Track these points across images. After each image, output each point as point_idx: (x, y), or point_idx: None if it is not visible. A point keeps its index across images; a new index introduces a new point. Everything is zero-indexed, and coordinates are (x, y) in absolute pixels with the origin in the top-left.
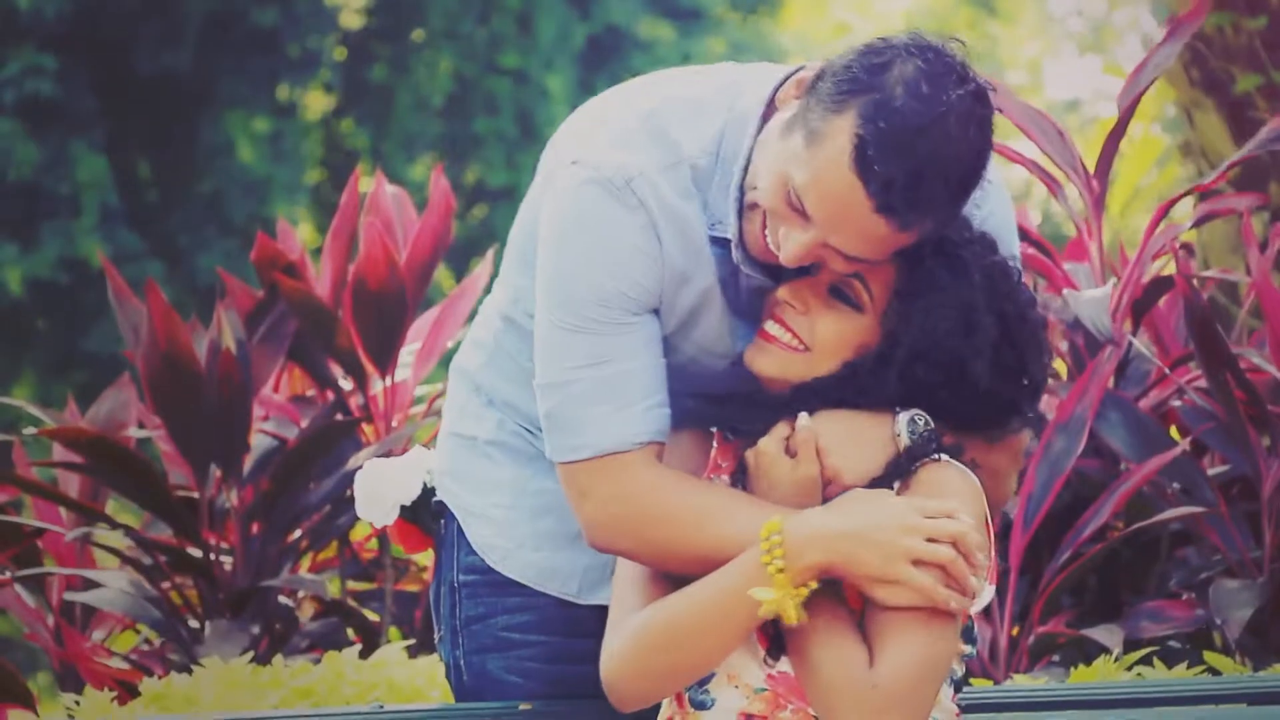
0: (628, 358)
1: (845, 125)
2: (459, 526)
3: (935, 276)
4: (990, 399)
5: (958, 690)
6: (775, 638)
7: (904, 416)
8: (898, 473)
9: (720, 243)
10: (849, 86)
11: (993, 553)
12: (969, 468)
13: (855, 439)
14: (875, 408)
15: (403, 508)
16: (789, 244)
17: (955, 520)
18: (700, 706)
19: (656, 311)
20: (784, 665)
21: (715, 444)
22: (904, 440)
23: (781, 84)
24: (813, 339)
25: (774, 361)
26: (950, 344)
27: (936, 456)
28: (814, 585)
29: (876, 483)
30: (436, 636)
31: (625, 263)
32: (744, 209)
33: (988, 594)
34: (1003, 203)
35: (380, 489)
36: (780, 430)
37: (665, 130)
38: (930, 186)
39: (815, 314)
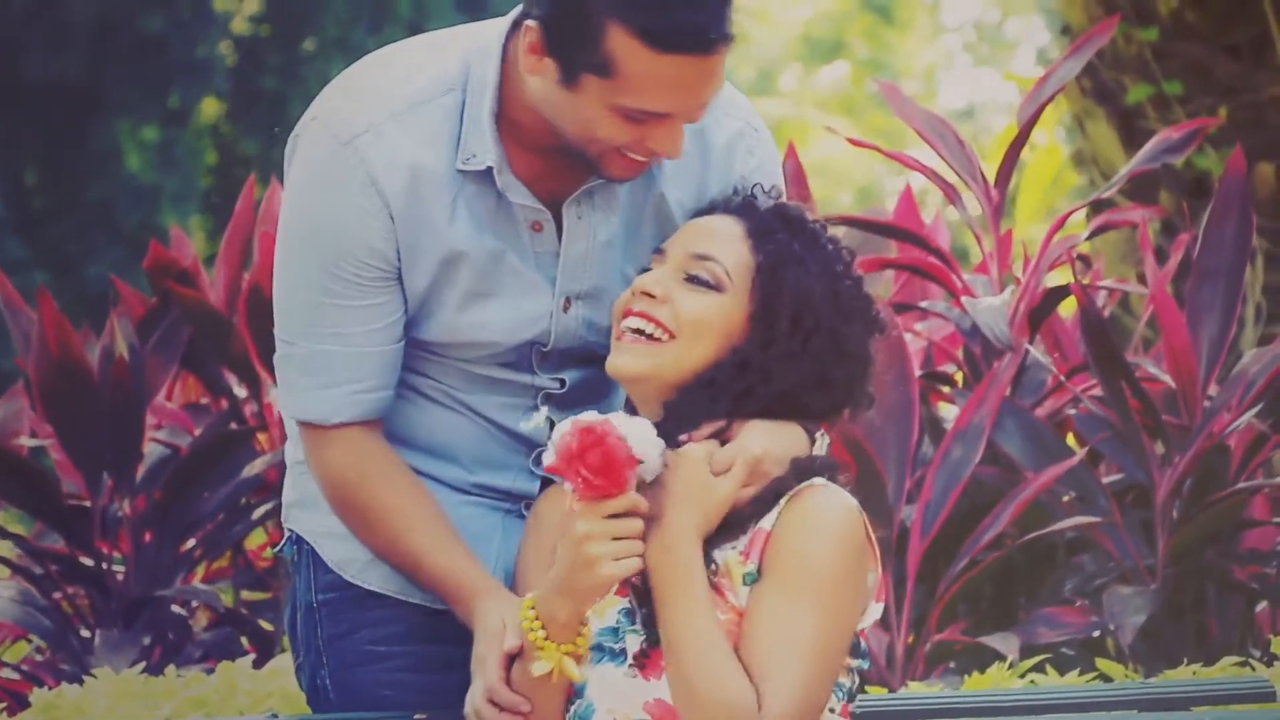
0: (341, 339)
1: (619, 35)
2: (311, 549)
3: (791, 249)
4: (859, 366)
5: (850, 700)
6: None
7: (821, 435)
8: (784, 489)
9: (476, 177)
10: (580, 13)
11: (880, 571)
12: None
13: (779, 454)
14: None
15: None
16: (664, 143)
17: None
18: None
19: (400, 283)
20: (660, 691)
21: None
22: (819, 451)
23: (510, 34)
24: (678, 324)
25: (640, 358)
26: (825, 310)
27: (819, 481)
28: (585, 635)
29: (761, 497)
30: (295, 665)
31: (348, 223)
32: (599, 158)
33: (875, 610)
34: (771, 150)
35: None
36: (709, 443)
37: (402, 77)
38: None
39: (676, 299)
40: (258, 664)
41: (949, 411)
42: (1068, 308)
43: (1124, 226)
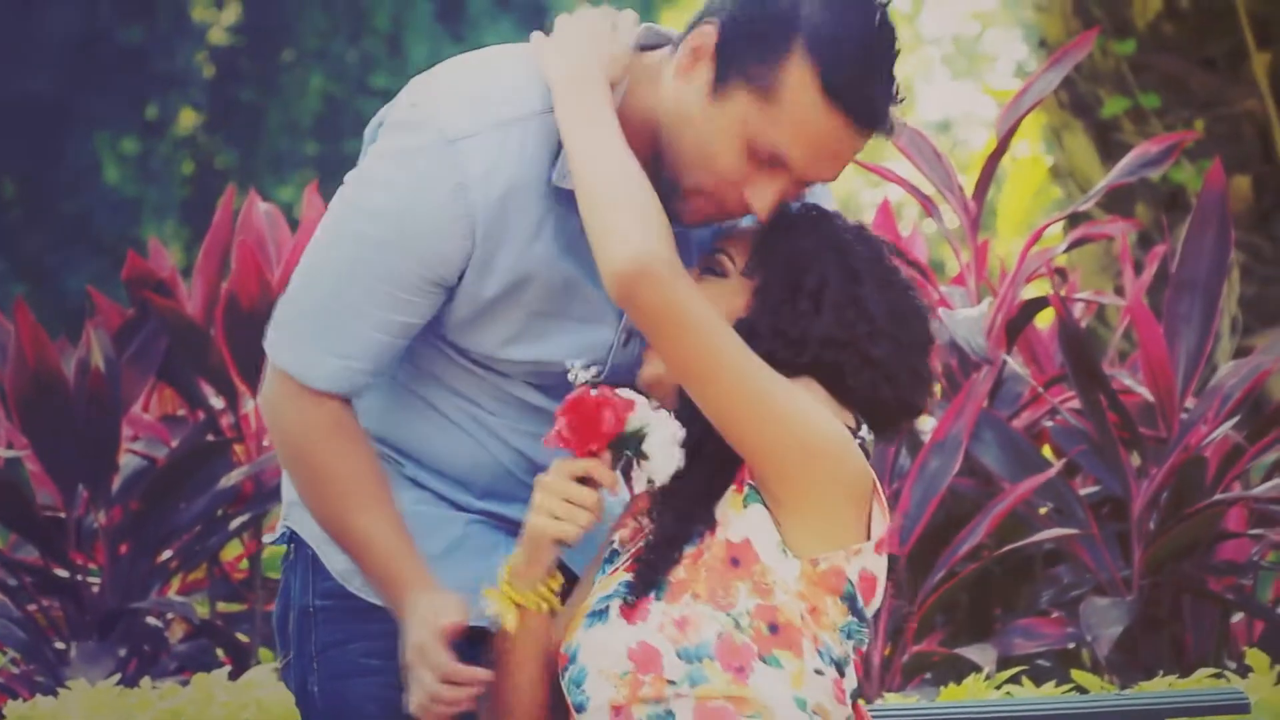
0: (360, 316)
1: (800, 67)
2: (312, 552)
3: (792, 223)
4: (899, 347)
5: (841, 674)
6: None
7: (867, 431)
8: None
9: (568, 196)
10: (775, 27)
11: (886, 521)
12: None
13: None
14: None
15: None
16: (763, 201)
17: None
18: (579, 709)
19: (446, 292)
20: (643, 633)
21: None
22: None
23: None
24: None
25: (651, 365)
26: (831, 271)
27: None
28: (541, 594)
29: None
30: (281, 662)
31: (426, 223)
32: (684, 192)
33: (875, 562)
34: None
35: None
36: None
37: (510, 86)
38: (892, 84)
39: None
40: (233, 676)
41: (926, 423)
42: (1044, 319)
43: (1101, 239)
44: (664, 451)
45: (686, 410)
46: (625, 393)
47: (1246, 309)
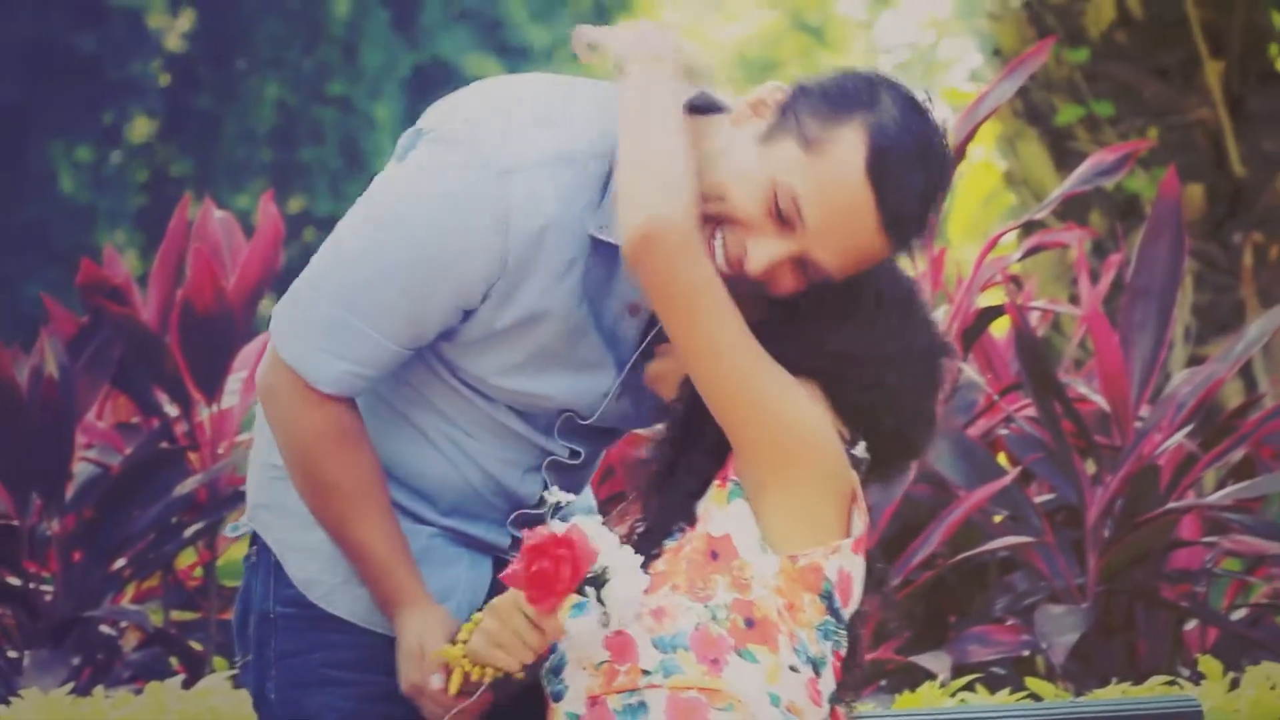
0: (373, 323)
1: (854, 134)
2: (275, 559)
3: None
4: (913, 377)
5: (817, 674)
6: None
7: (863, 448)
8: None
9: (603, 247)
10: (845, 100)
11: (864, 523)
12: None
13: None
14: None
15: None
16: (761, 255)
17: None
18: (556, 697)
19: (462, 313)
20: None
21: None
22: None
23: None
24: None
25: (661, 360)
26: (877, 282)
27: None
28: (487, 673)
29: None
30: (240, 662)
31: (459, 250)
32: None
33: (850, 562)
34: None
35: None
36: None
37: (561, 123)
38: (931, 205)
39: None
40: (187, 684)
41: None
42: (1000, 327)
43: (1056, 247)
44: (619, 605)
45: (681, 404)
46: (593, 529)
47: (1200, 317)
